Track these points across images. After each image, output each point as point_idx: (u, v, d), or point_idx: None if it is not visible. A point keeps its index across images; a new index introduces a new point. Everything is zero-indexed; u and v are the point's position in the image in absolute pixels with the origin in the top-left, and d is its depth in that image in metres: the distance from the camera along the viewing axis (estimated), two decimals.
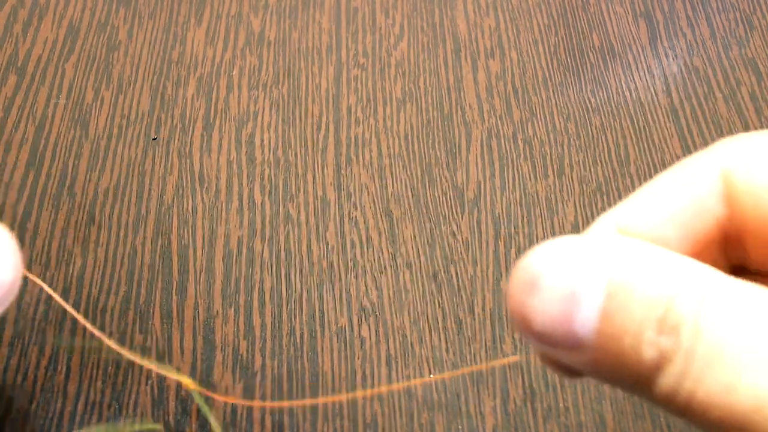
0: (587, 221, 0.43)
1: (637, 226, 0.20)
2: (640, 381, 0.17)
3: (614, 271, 0.17)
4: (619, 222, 0.20)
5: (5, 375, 0.37)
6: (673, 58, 0.50)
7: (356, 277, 0.41)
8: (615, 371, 0.18)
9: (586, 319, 0.17)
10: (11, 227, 0.42)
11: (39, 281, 0.35)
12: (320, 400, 0.36)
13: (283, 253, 0.42)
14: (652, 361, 0.17)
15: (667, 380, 0.17)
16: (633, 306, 0.17)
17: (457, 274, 0.41)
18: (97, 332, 0.36)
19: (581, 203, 0.44)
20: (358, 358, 0.38)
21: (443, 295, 0.40)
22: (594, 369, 0.18)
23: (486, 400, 0.37)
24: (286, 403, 0.36)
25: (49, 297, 0.38)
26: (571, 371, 0.19)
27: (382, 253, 0.42)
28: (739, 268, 0.21)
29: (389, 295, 0.40)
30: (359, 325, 0.39)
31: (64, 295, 0.40)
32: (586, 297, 0.17)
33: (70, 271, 0.41)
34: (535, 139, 0.46)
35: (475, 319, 0.40)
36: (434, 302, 0.40)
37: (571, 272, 0.17)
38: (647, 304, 0.17)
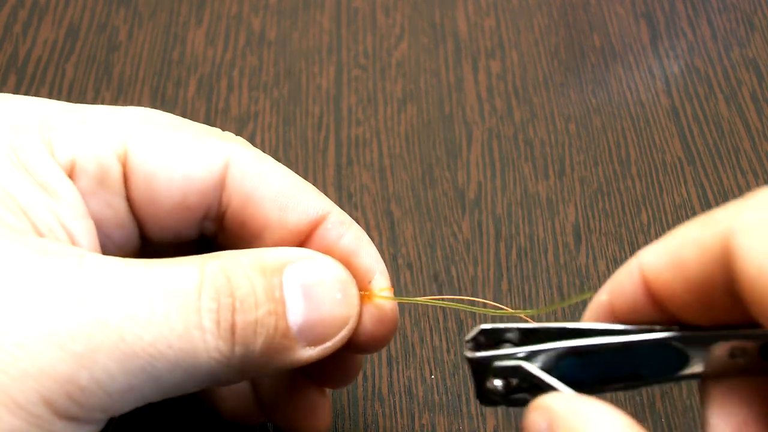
0: (588, 221, 0.43)
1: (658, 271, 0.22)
2: None
3: None
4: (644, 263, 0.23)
5: None
6: (673, 59, 0.50)
7: None
8: None
9: None
10: None
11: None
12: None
13: None
14: None
15: None
16: None
17: (458, 274, 0.41)
18: None
19: (582, 204, 0.44)
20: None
21: (444, 295, 0.40)
22: None
23: None
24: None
25: None
26: None
27: (383, 253, 0.41)
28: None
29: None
30: None
31: None
32: None
33: None
34: (536, 140, 0.46)
35: (476, 320, 0.39)
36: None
37: None
38: None
